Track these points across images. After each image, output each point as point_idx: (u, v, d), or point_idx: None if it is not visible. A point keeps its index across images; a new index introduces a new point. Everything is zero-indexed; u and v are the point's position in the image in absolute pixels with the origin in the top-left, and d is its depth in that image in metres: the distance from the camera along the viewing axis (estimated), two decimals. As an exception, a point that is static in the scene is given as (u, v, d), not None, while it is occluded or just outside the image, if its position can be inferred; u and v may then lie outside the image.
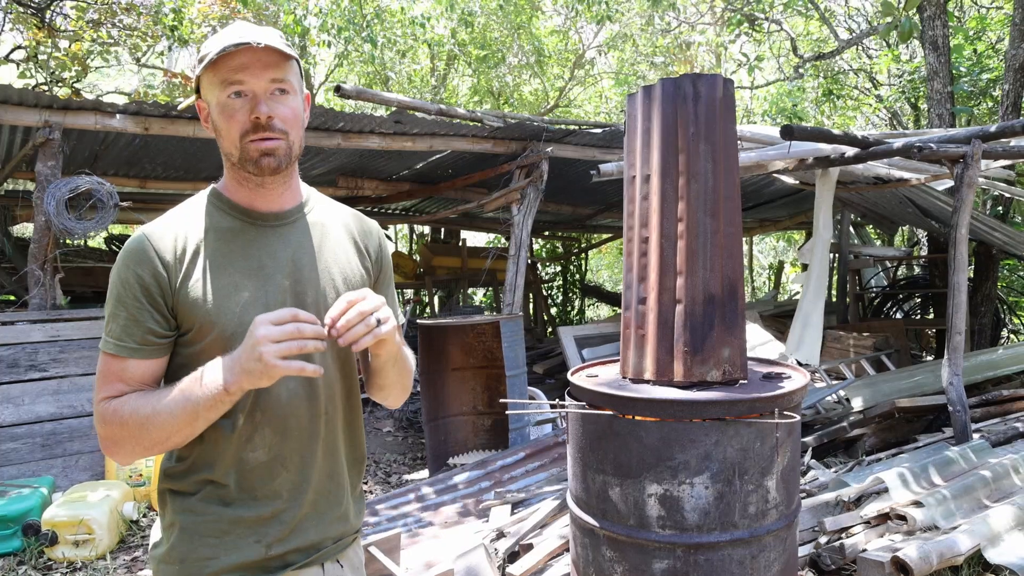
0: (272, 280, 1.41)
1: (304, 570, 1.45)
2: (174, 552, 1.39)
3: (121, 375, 1.35)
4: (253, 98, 1.34)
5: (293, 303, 1.41)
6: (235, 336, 1.33)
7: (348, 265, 1.52)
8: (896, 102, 12.63)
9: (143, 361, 1.35)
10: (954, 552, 2.95)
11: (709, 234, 2.24)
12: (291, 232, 1.47)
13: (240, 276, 1.39)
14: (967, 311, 5.42)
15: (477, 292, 14.31)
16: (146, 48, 11.42)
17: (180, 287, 1.35)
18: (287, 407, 1.41)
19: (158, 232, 1.38)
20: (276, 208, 1.46)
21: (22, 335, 4.70)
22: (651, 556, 2.08)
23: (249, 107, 1.34)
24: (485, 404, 6.00)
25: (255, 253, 1.42)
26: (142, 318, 1.34)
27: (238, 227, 1.42)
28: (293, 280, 1.43)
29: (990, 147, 4.78)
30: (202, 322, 1.36)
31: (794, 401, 2.11)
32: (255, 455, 1.40)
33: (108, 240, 9.69)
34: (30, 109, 4.79)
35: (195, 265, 1.36)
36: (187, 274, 1.36)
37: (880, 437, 5.10)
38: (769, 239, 18.68)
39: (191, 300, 1.35)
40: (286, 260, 1.43)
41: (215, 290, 1.36)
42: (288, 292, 1.42)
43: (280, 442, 1.41)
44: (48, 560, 3.90)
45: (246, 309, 1.37)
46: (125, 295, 1.34)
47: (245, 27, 1.37)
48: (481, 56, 14.20)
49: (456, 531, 3.83)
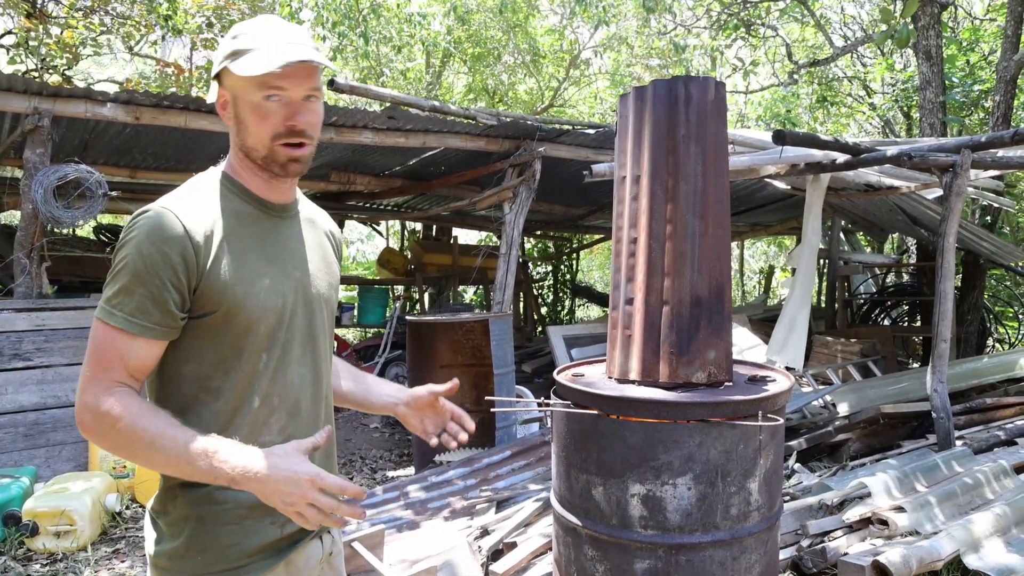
0: (286, 270, 1.45)
1: (309, 544, 1.49)
2: (194, 543, 1.36)
3: (125, 355, 1.28)
4: (290, 104, 1.36)
5: (303, 295, 1.47)
6: (259, 321, 1.36)
7: (330, 261, 1.61)
8: (889, 111, 12.70)
9: (151, 342, 1.30)
10: (934, 557, 2.98)
11: (697, 236, 2.25)
12: (293, 225, 1.52)
13: (261, 263, 1.41)
14: (953, 319, 5.46)
15: (467, 290, 14.30)
16: (139, 37, 11.34)
17: (210, 269, 1.32)
18: (298, 390, 1.46)
19: (187, 210, 1.33)
20: (284, 200, 1.50)
21: (7, 324, 4.65)
22: (633, 556, 2.08)
23: (285, 113, 1.36)
24: (473, 402, 5.98)
25: (271, 241, 1.45)
26: (162, 297, 1.28)
27: (254, 214, 1.44)
28: (301, 272, 1.48)
29: (979, 157, 4.82)
30: (229, 305, 1.33)
31: (778, 404, 2.12)
32: (270, 438, 1.41)
33: (96, 229, 9.62)
34: (19, 95, 4.74)
35: (223, 248, 1.35)
36: (217, 256, 1.33)
37: (865, 442, 5.12)
38: (760, 244, 18.77)
39: (221, 283, 1.32)
40: (295, 251, 1.49)
41: (241, 276, 1.36)
42: (299, 284, 1.47)
43: (291, 424, 1.44)
44: (28, 551, 3.87)
45: (268, 296, 1.39)
46: (146, 272, 1.27)
47: (289, 32, 1.38)
48: (476, 54, 14.18)
49: (440, 528, 3.83)
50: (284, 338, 1.42)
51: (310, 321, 1.48)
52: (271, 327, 1.39)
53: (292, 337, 1.44)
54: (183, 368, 1.36)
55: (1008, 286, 10.64)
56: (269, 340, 1.39)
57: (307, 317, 1.48)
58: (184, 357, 1.35)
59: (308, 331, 1.48)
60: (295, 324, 1.44)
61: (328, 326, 1.55)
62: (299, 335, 1.46)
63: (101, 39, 10.56)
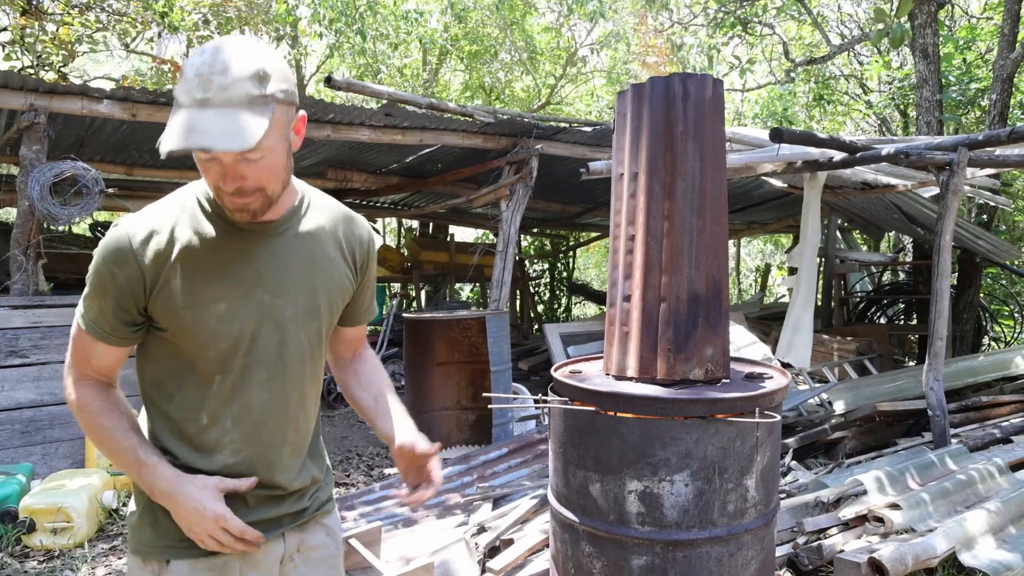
0: (252, 294, 1.40)
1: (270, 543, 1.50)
2: (146, 516, 1.45)
3: (89, 354, 1.41)
4: (221, 166, 1.28)
5: (272, 318, 1.42)
6: (208, 346, 1.38)
7: (332, 276, 1.52)
8: (885, 109, 12.73)
9: (109, 347, 1.40)
10: (929, 554, 2.99)
11: (695, 233, 2.25)
12: (278, 243, 1.44)
13: (219, 287, 1.38)
14: (949, 318, 5.48)
15: (464, 287, 14.30)
16: (135, 34, 11.30)
17: (157, 293, 1.35)
18: (259, 414, 1.45)
19: (141, 233, 1.35)
20: (266, 218, 1.42)
21: (3, 320, 4.64)
22: (630, 552, 2.08)
23: (216, 172, 1.29)
24: (469, 399, 5.99)
25: (237, 264, 1.40)
26: (113, 313, 1.37)
27: (223, 234, 1.39)
28: (272, 295, 1.42)
29: (976, 155, 4.82)
30: (177, 328, 1.38)
31: (775, 401, 2.13)
32: (224, 457, 1.44)
33: (93, 227, 9.60)
34: (15, 92, 4.73)
35: (175, 272, 1.35)
36: (166, 280, 1.35)
37: (860, 440, 5.14)
38: (756, 242, 18.79)
39: (169, 307, 1.36)
40: (269, 273, 1.42)
41: (192, 300, 1.36)
42: (266, 307, 1.42)
43: (248, 447, 1.45)
44: (25, 548, 3.86)
45: (221, 321, 1.38)
46: (100, 288, 1.36)
47: (213, 87, 1.22)
48: (473, 51, 14.17)
49: (437, 525, 3.83)
50: (242, 363, 1.41)
51: (280, 345, 1.44)
52: (223, 352, 1.39)
53: (254, 361, 1.42)
54: (146, 368, 1.46)
55: (1004, 284, 10.67)
56: (222, 364, 1.40)
57: (277, 341, 1.44)
58: (147, 359, 1.45)
59: (277, 356, 1.44)
60: (257, 348, 1.42)
61: (310, 348, 1.50)
62: (264, 359, 1.43)
63: (97, 36, 10.52)
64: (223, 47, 1.26)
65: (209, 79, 1.22)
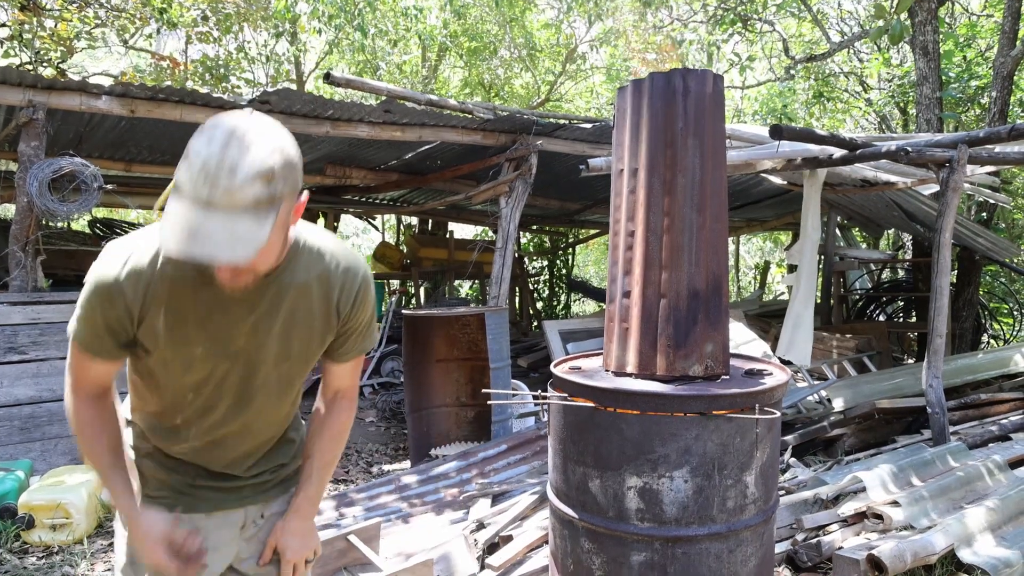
0: (229, 336, 1.44)
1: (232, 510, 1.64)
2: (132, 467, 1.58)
3: (85, 367, 1.49)
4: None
5: (244, 361, 1.47)
6: (182, 375, 1.46)
7: (312, 326, 1.51)
8: (885, 106, 12.72)
9: (103, 361, 1.48)
10: (928, 551, 2.99)
11: (695, 229, 2.25)
12: (259, 295, 1.42)
13: (196, 333, 1.42)
14: (949, 315, 5.47)
15: (463, 284, 14.29)
16: (134, 30, 11.28)
17: (142, 327, 1.42)
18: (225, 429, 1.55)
19: (126, 274, 1.37)
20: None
21: (2, 317, 4.64)
22: (629, 548, 2.08)
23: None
24: (468, 396, 5.99)
25: (216, 316, 1.42)
26: (104, 336, 1.43)
27: (205, 283, 1.38)
28: (247, 341, 1.45)
29: (976, 152, 4.82)
30: (157, 357, 1.45)
31: (774, 398, 2.13)
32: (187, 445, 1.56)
33: (91, 223, 9.59)
34: (13, 88, 4.71)
35: (158, 314, 1.40)
36: (150, 319, 1.40)
37: (860, 437, 5.14)
38: (756, 239, 18.78)
39: (150, 340, 1.43)
40: (247, 326, 1.44)
41: (170, 340, 1.42)
42: (240, 353, 1.46)
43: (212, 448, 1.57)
44: (24, 544, 3.86)
45: (193, 363, 1.44)
46: (92, 315, 1.41)
47: (220, 185, 1.18)
48: (472, 48, 14.15)
49: (436, 522, 3.83)
50: (212, 391, 1.50)
51: (246, 384, 1.50)
52: (195, 382, 1.48)
53: (221, 394, 1.50)
54: (136, 364, 1.53)
55: (1003, 282, 10.66)
56: (195, 389, 1.49)
57: (244, 380, 1.50)
58: (136, 357, 1.51)
59: (243, 392, 1.51)
60: (226, 384, 1.49)
61: (278, 385, 1.54)
62: (231, 393, 1.51)
63: (96, 32, 10.50)
64: (233, 140, 1.20)
65: (216, 178, 1.18)
